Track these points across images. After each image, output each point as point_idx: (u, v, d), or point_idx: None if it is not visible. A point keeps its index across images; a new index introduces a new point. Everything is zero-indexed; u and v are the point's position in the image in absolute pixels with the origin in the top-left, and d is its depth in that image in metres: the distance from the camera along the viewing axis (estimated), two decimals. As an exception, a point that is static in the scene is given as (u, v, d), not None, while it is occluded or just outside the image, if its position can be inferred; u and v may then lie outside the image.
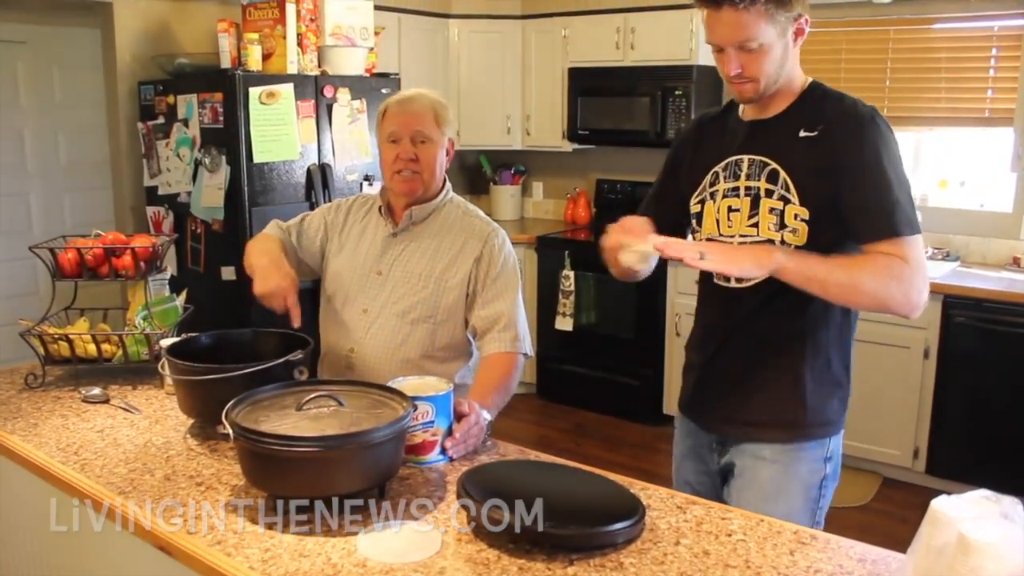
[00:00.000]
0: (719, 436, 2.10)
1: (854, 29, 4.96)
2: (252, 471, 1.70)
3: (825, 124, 1.90)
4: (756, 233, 1.95)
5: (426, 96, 2.38)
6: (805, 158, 1.90)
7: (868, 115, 1.89)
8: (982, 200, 4.72)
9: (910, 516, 4.07)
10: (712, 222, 2.03)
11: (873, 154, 1.86)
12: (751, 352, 2.03)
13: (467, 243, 2.37)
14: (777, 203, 1.91)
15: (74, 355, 2.49)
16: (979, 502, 1.31)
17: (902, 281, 1.81)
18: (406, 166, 2.32)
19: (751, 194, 1.95)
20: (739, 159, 1.98)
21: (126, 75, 4.43)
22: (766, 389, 2.02)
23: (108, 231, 2.62)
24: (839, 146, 1.87)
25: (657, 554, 1.55)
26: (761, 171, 1.94)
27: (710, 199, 2.03)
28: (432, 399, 1.89)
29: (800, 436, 2.02)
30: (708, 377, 2.10)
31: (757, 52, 1.88)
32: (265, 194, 4.13)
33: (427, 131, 2.32)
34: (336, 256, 2.49)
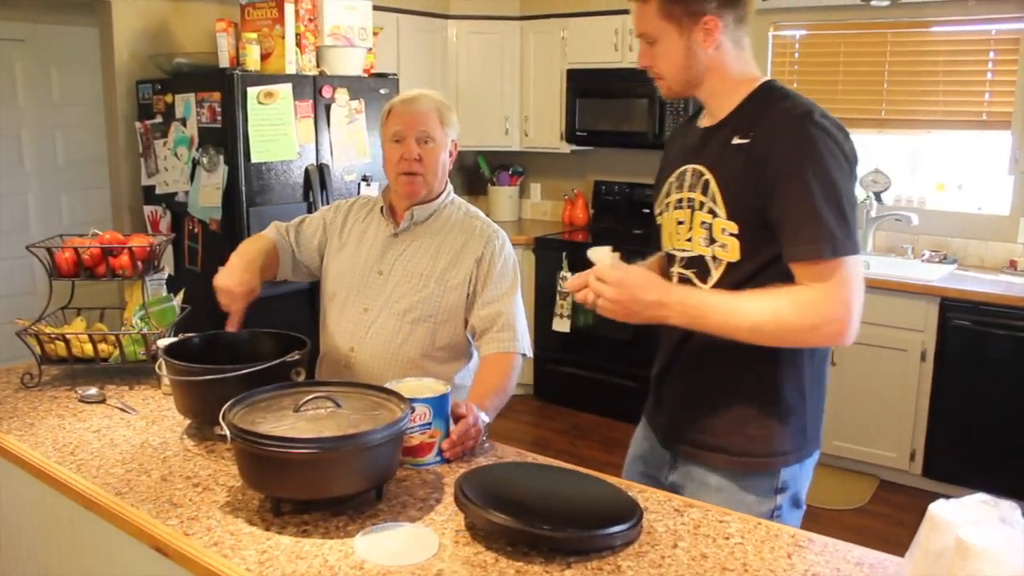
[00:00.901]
0: (671, 452, 2.01)
1: (852, 32, 4.97)
2: (249, 472, 1.70)
3: (756, 130, 1.75)
4: (690, 248, 1.86)
5: (431, 97, 2.38)
6: (735, 168, 1.77)
7: (799, 117, 1.72)
8: (980, 203, 4.73)
9: (907, 519, 4.07)
10: (667, 235, 1.95)
11: (796, 162, 1.69)
12: (697, 374, 1.93)
13: (468, 244, 2.36)
14: (707, 216, 1.80)
15: (71, 355, 2.48)
16: (977, 506, 1.31)
17: (814, 314, 1.67)
18: (410, 167, 2.32)
19: (691, 206, 1.85)
20: (685, 169, 1.88)
21: (124, 74, 4.42)
22: (712, 414, 1.90)
23: (105, 230, 2.61)
24: (766, 154, 1.72)
25: (655, 557, 1.54)
26: (698, 182, 1.83)
27: (666, 211, 1.94)
28: (429, 401, 1.88)
29: (744, 466, 1.88)
30: (661, 392, 2.04)
31: (657, 49, 1.83)
32: (263, 194, 4.12)
33: (432, 131, 2.32)
34: (336, 256, 2.49)
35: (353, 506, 1.70)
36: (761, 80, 1.84)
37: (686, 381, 1.96)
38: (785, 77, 5.25)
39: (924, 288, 4.21)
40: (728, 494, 1.88)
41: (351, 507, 1.70)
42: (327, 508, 1.69)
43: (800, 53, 5.21)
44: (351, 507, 1.70)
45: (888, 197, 4.89)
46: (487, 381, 2.25)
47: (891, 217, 4.79)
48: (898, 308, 4.26)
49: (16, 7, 4.72)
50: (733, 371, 1.87)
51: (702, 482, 1.92)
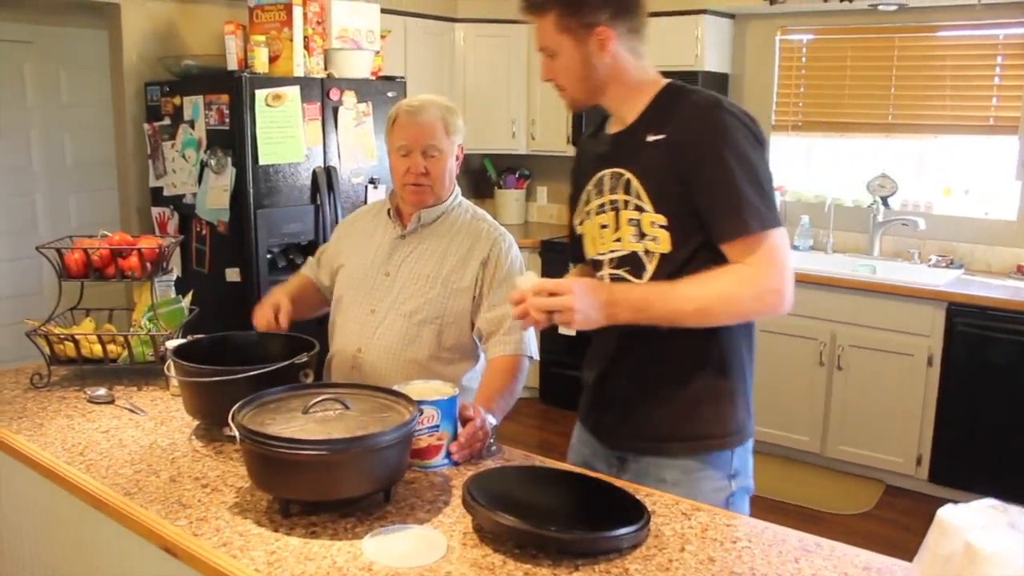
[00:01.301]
0: (618, 452, 2.01)
1: (859, 37, 4.97)
2: (258, 473, 1.70)
3: (671, 125, 1.82)
4: (620, 247, 1.90)
5: (435, 105, 2.37)
6: (654, 163, 1.83)
7: (709, 107, 1.81)
8: (987, 208, 4.73)
9: (913, 524, 4.07)
10: (591, 242, 1.99)
11: (714, 147, 1.77)
12: (640, 370, 1.95)
13: (474, 246, 2.37)
14: (634, 213, 1.85)
15: (79, 355, 2.49)
16: (986, 511, 1.31)
17: (752, 286, 1.74)
18: (417, 180, 2.34)
19: (615, 208, 1.90)
20: (603, 174, 1.93)
21: (133, 76, 4.43)
22: (661, 405, 1.93)
23: (114, 232, 2.62)
24: (683, 145, 1.80)
25: (662, 560, 1.55)
26: (618, 183, 1.89)
27: (587, 219, 1.99)
28: (438, 403, 1.89)
29: (704, 449, 1.92)
30: (602, 395, 2.04)
31: (557, 62, 1.90)
32: (270, 196, 4.13)
33: (438, 143, 2.33)
34: (348, 259, 2.51)
35: (361, 508, 1.71)
36: (665, 82, 1.93)
37: (631, 379, 1.98)
38: (792, 81, 5.26)
39: (931, 293, 4.21)
40: (684, 488, 1.90)
41: (359, 509, 1.70)
42: (335, 510, 1.69)
43: (807, 57, 5.21)
44: (359, 509, 1.70)
45: (895, 202, 4.89)
46: (493, 384, 2.25)
47: (898, 222, 4.79)
48: (905, 313, 4.26)
49: (25, 9, 4.73)
50: (677, 361, 1.92)
51: (657, 478, 1.94)
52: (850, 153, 5.19)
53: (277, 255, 4.28)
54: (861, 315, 4.40)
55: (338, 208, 4.35)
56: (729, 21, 5.31)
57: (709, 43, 5.13)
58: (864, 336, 4.40)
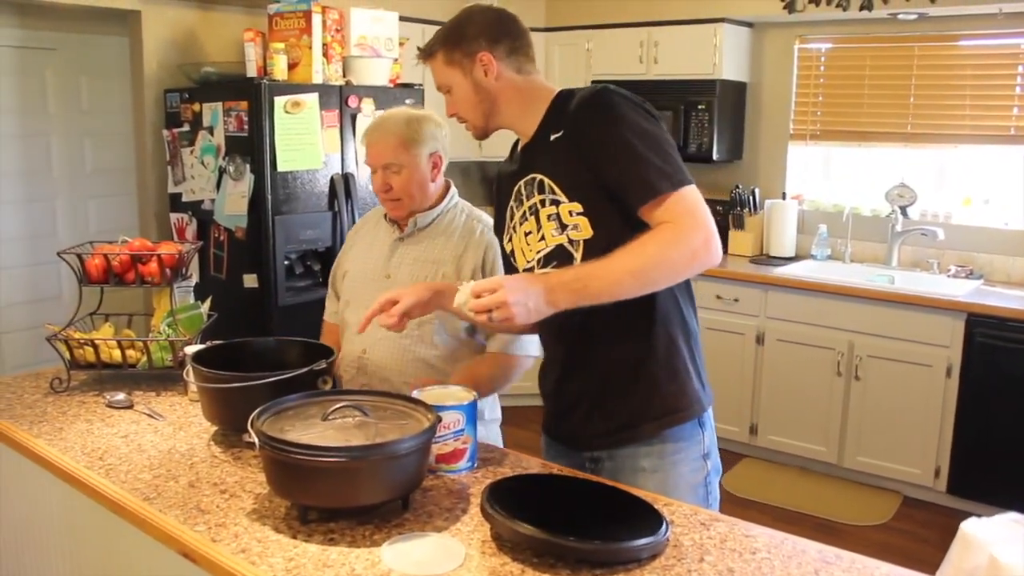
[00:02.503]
0: (591, 454, 2.03)
1: (879, 45, 4.95)
2: (277, 480, 1.70)
3: (568, 120, 1.92)
4: (544, 246, 1.95)
5: (393, 121, 2.43)
6: (559, 157, 1.92)
7: (596, 93, 1.89)
8: (1006, 218, 4.70)
9: (931, 536, 4.04)
10: (520, 254, 2.03)
11: (608, 125, 1.85)
12: (595, 366, 2.00)
13: (469, 247, 2.42)
14: (551, 208, 1.92)
15: (99, 360, 2.50)
16: (1010, 525, 1.30)
17: (679, 242, 1.76)
18: (383, 195, 2.44)
19: (533, 212, 1.97)
20: (518, 186, 2.02)
21: (152, 83, 4.46)
22: (623, 395, 1.97)
23: (134, 237, 2.64)
24: (581, 132, 1.88)
25: (681, 571, 1.54)
26: (533, 187, 1.97)
27: (514, 233, 2.05)
28: (462, 408, 1.90)
29: (676, 422, 1.97)
30: (563, 401, 2.07)
31: (454, 95, 2.03)
32: (288, 203, 4.15)
33: (395, 159, 2.39)
34: (352, 266, 2.59)
35: (379, 515, 1.71)
36: (556, 90, 2.02)
37: (587, 378, 2.01)
38: (811, 90, 5.25)
39: (950, 303, 4.18)
40: (663, 473, 1.96)
41: (377, 516, 1.70)
42: (353, 517, 1.69)
43: (826, 67, 5.20)
44: (377, 516, 1.70)
45: (914, 212, 4.86)
46: (479, 368, 2.34)
47: (917, 232, 4.77)
48: (923, 323, 4.23)
49: (47, 17, 4.77)
50: (630, 347, 1.96)
51: (635, 468, 1.97)
52: (869, 162, 5.17)
53: (295, 261, 4.29)
54: (879, 325, 4.37)
55: (355, 215, 4.35)
56: (747, 30, 5.31)
57: (727, 52, 5.12)
58: (882, 346, 4.38)
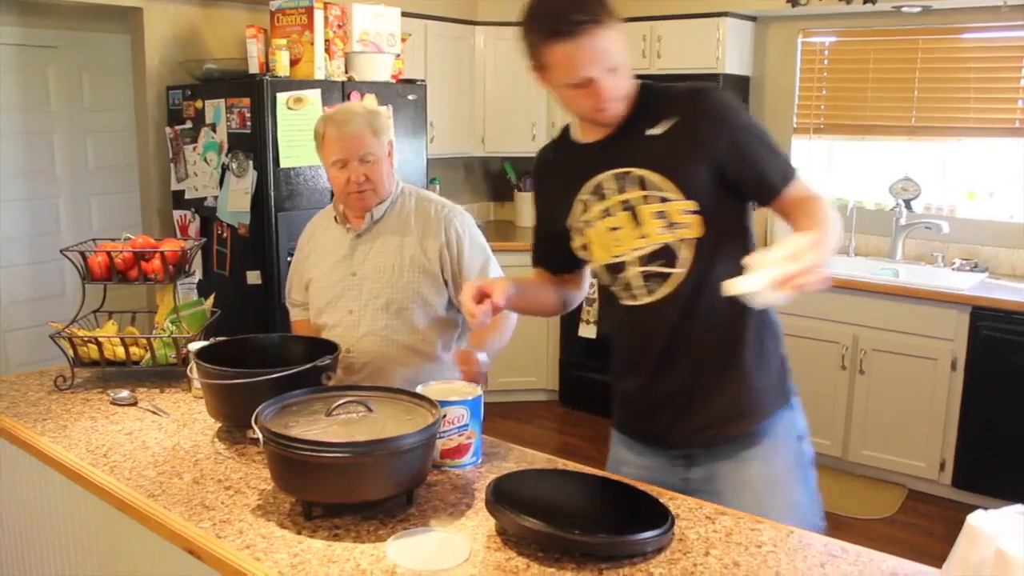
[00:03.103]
0: (684, 451, 2.01)
1: (882, 39, 4.93)
2: (281, 476, 1.70)
3: (674, 116, 1.88)
4: (647, 243, 1.89)
5: (357, 113, 2.42)
6: (667, 153, 1.86)
7: (706, 91, 1.91)
8: (1011, 211, 4.68)
9: (936, 529, 4.03)
10: (601, 249, 1.97)
11: (732, 124, 1.87)
12: (692, 360, 1.95)
13: (428, 229, 2.46)
14: (657, 205, 1.87)
15: (103, 357, 2.50)
16: (1017, 518, 1.30)
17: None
18: (360, 187, 2.40)
19: (627, 208, 1.90)
20: (599, 180, 1.93)
21: (155, 80, 4.46)
22: (717, 389, 1.95)
23: (137, 235, 2.63)
24: (700, 129, 1.86)
25: (687, 565, 1.54)
26: (628, 181, 1.89)
27: (588, 227, 1.98)
28: (467, 403, 1.90)
29: (765, 414, 1.97)
30: (655, 398, 2.01)
31: (618, 72, 1.84)
32: (291, 199, 4.14)
33: (370, 148, 2.39)
34: (311, 273, 2.59)
35: (384, 511, 1.70)
36: (637, 81, 1.95)
37: (683, 375, 1.97)
38: (814, 84, 5.23)
39: (954, 297, 4.17)
40: (764, 462, 1.96)
41: (382, 512, 1.70)
42: (358, 512, 1.69)
43: (829, 60, 5.18)
44: (382, 512, 1.70)
45: (918, 205, 4.85)
46: (483, 331, 2.32)
47: (921, 225, 4.75)
48: (928, 317, 4.22)
49: (48, 15, 4.77)
50: (723, 340, 1.94)
51: (736, 457, 1.96)
52: (873, 156, 5.16)
53: (298, 258, 4.29)
54: (884, 319, 4.36)
55: (359, 211, 4.35)
56: (751, 23, 5.29)
57: (730, 45, 5.11)
58: (887, 340, 4.37)
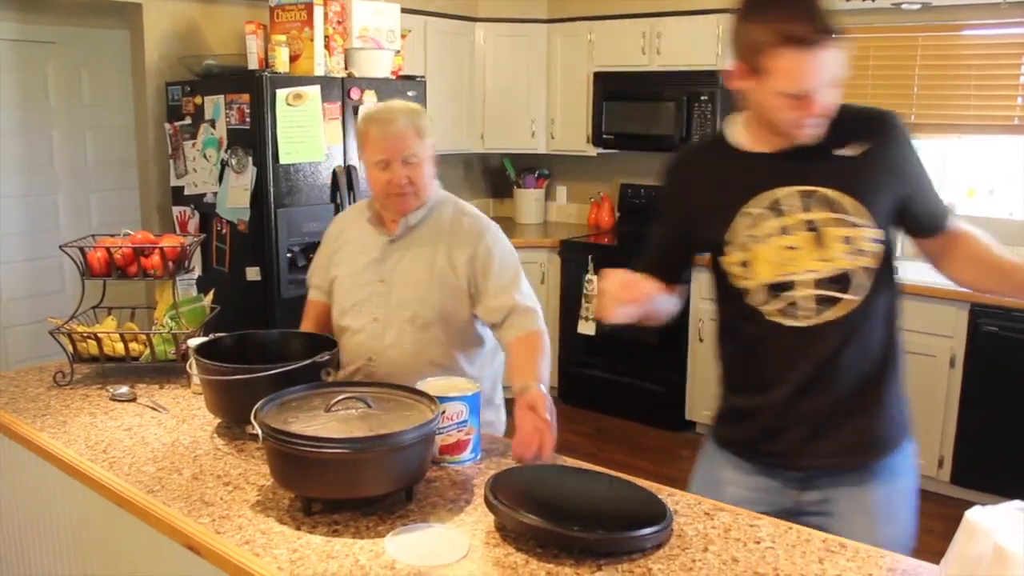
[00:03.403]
0: (805, 473, 1.95)
1: (882, 36, 4.93)
2: (281, 472, 1.70)
3: (867, 140, 1.82)
4: (829, 267, 1.82)
5: (402, 112, 2.35)
6: (858, 178, 1.81)
7: (892, 117, 1.87)
8: (1011, 209, 4.68)
9: (935, 526, 4.02)
10: (768, 267, 1.85)
11: (914, 154, 1.88)
12: (839, 385, 1.89)
13: (460, 243, 2.36)
14: (846, 230, 1.80)
15: (102, 353, 2.50)
16: (1014, 513, 1.30)
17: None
18: (401, 189, 2.32)
19: (811, 228, 1.81)
20: (777, 195, 1.83)
21: (154, 76, 4.45)
22: (861, 416, 1.91)
23: (136, 231, 2.63)
24: (893, 156, 1.84)
25: (685, 560, 1.54)
26: (814, 201, 1.81)
27: (755, 243, 1.85)
28: (466, 399, 1.91)
29: (895, 447, 1.97)
30: (788, 418, 1.92)
31: (836, 88, 1.75)
32: (291, 195, 4.15)
33: (414, 149, 2.31)
34: (338, 270, 2.49)
35: (383, 506, 1.71)
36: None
37: (825, 398, 1.90)
38: (813, 81, 5.22)
39: (954, 294, 4.16)
40: (888, 486, 1.98)
41: (381, 507, 1.70)
42: (357, 508, 1.69)
43: (829, 56, 5.17)
44: (381, 507, 1.70)
45: (917, 202, 4.84)
46: (529, 357, 2.23)
47: (920, 222, 4.75)
48: (927, 314, 4.22)
49: (47, 11, 4.76)
50: (872, 368, 1.91)
51: (861, 485, 1.94)
52: (872, 153, 5.15)
53: (297, 254, 4.28)
54: (883, 316, 4.36)
55: (358, 207, 4.35)
56: (750, 20, 5.28)
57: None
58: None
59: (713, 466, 2.07)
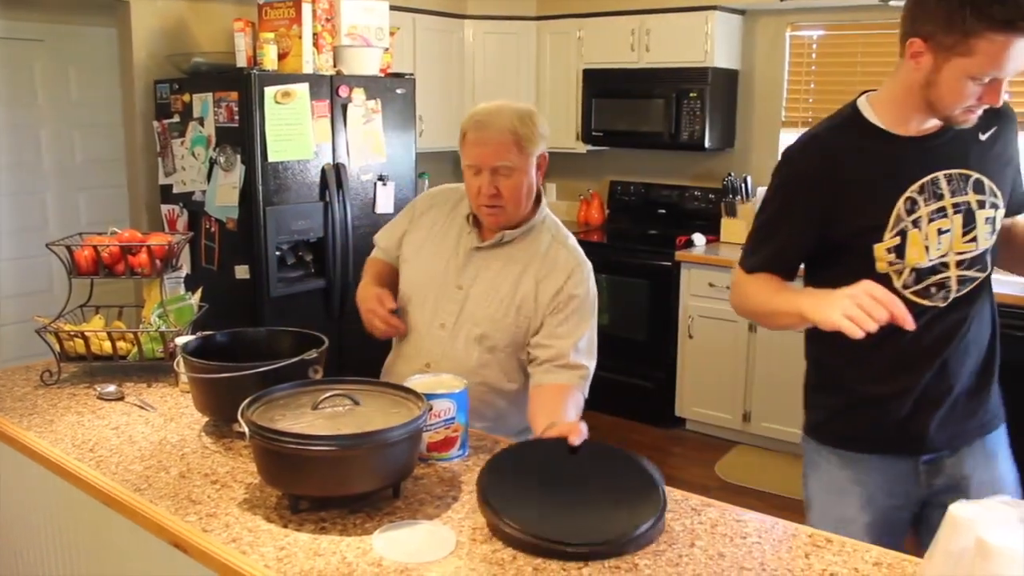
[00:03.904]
0: (935, 455, 2.00)
1: (870, 32, 4.95)
2: (267, 469, 1.70)
3: (994, 124, 1.92)
4: (974, 248, 1.89)
5: (506, 116, 2.15)
6: (992, 160, 1.91)
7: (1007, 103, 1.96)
8: (998, 204, 4.70)
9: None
10: (919, 250, 1.86)
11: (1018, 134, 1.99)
12: (971, 361, 1.98)
13: (551, 276, 2.20)
14: (990, 212, 1.89)
15: (89, 352, 2.50)
16: (997, 507, 1.31)
17: None
18: (490, 201, 2.16)
19: (961, 210, 1.86)
20: (934, 177, 1.86)
21: (142, 74, 4.45)
22: (984, 389, 2.03)
23: (124, 229, 2.63)
24: (1012, 139, 1.96)
25: (672, 556, 1.54)
26: (965, 184, 1.87)
27: (913, 227, 1.85)
28: (453, 396, 1.90)
29: (1003, 418, 2.12)
30: (926, 398, 1.95)
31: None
32: (279, 193, 4.14)
33: (509, 162, 2.13)
34: (415, 257, 2.35)
35: (370, 504, 1.71)
36: None
37: (961, 371, 1.98)
38: (802, 77, 5.24)
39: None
40: (1007, 458, 2.13)
41: (368, 505, 1.70)
42: (344, 505, 1.69)
43: (817, 53, 5.19)
44: (368, 505, 1.70)
45: (905, 198, 4.86)
46: (558, 403, 2.04)
47: (908, 218, 4.76)
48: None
49: (35, 8, 4.75)
50: (991, 341, 2.03)
51: (986, 454, 2.06)
52: (860, 149, 5.16)
53: (286, 252, 4.29)
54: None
55: (347, 205, 4.35)
56: (739, 17, 5.30)
57: (719, 39, 5.11)
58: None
59: (832, 471, 2.07)
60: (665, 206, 5.70)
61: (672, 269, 4.94)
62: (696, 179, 5.65)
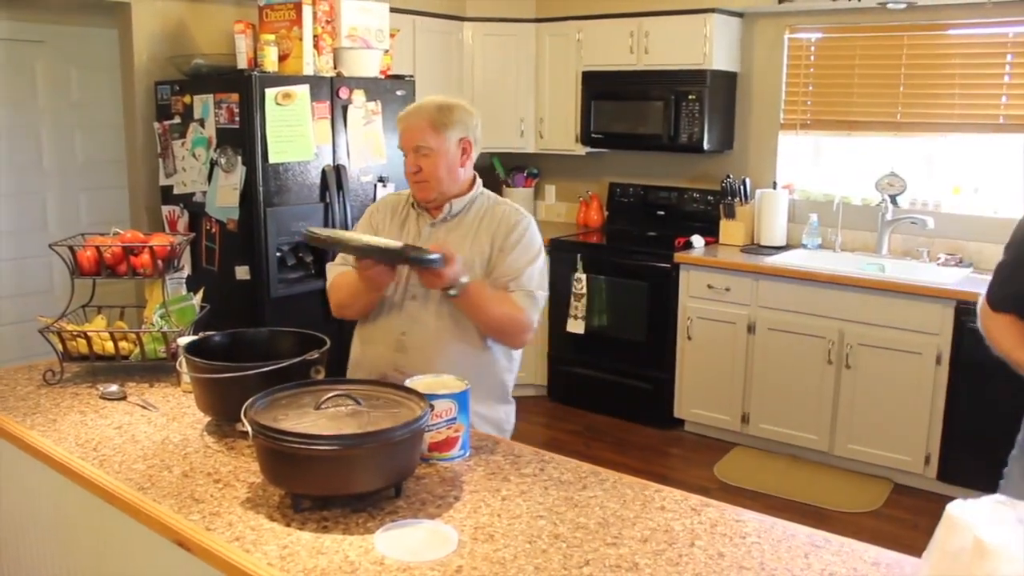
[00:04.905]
0: None
1: (868, 35, 4.96)
2: (270, 469, 1.71)
3: None
4: None
5: (426, 106, 2.47)
6: None
7: None
8: (996, 207, 4.71)
9: (921, 522, 4.06)
10: None
11: None
12: None
13: (499, 225, 2.48)
14: None
15: (92, 352, 2.51)
16: (994, 507, 1.32)
17: None
18: (415, 177, 2.46)
19: None
20: None
21: (143, 75, 4.45)
22: None
23: (125, 230, 2.64)
24: None
25: (672, 555, 1.56)
26: None
27: None
28: (455, 396, 1.92)
29: None
30: None
31: None
32: (280, 194, 4.15)
33: (426, 142, 2.42)
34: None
35: (372, 503, 1.72)
36: None
37: None
38: (801, 80, 5.25)
39: (939, 291, 4.20)
40: None
41: (370, 504, 1.72)
42: (347, 505, 1.71)
43: (816, 56, 5.20)
44: (370, 504, 1.72)
45: (904, 200, 4.88)
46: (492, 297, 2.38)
47: (907, 220, 4.78)
48: (913, 311, 4.25)
49: (36, 9, 4.75)
50: None
51: None
52: (859, 152, 5.18)
53: (287, 253, 4.29)
54: (869, 314, 4.39)
55: (347, 206, 4.36)
56: (738, 20, 5.31)
57: (718, 42, 5.13)
58: (872, 335, 4.40)
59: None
60: (664, 208, 5.71)
61: (671, 271, 4.95)
62: (695, 181, 5.66)
